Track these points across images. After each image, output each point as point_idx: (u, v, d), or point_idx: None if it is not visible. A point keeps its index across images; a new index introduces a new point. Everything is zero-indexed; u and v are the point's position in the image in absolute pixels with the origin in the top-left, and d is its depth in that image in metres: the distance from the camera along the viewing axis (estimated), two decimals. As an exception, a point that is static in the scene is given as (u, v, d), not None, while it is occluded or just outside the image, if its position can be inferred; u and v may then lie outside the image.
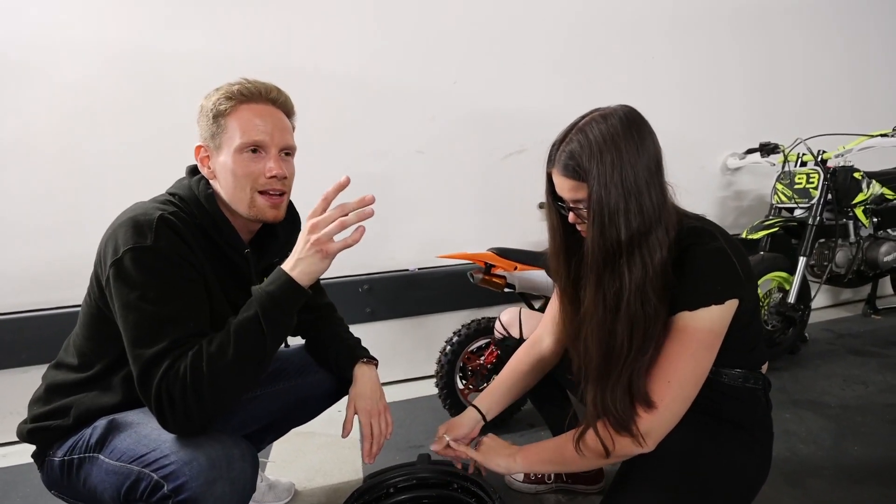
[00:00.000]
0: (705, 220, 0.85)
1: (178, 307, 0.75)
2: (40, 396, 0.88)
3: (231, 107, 0.82)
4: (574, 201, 0.81)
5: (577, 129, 0.79)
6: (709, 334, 0.78)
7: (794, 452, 1.42)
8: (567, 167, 0.78)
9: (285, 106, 0.89)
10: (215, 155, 0.85)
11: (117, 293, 0.74)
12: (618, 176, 0.74)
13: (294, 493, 1.35)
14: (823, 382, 1.88)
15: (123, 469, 0.75)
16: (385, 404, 1.03)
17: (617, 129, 0.76)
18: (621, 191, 0.74)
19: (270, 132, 0.84)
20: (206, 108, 0.84)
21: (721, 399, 0.88)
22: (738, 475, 0.86)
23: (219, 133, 0.83)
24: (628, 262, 0.76)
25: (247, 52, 1.75)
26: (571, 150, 0.78)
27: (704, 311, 0.76)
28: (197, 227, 0.83)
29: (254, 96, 0.84)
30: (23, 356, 1.61)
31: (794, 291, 1.97)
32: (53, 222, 1.64)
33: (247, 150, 0.83)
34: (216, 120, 0.83)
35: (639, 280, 0.75)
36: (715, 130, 2.52)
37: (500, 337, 1.27)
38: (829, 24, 2.69)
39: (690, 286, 0.77)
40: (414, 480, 1.10)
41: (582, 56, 2.20)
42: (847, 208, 2.12)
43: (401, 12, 1.91)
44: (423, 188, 2.03)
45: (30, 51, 1.56)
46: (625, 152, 0.75)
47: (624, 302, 0.76)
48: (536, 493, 1.30)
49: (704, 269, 0.77)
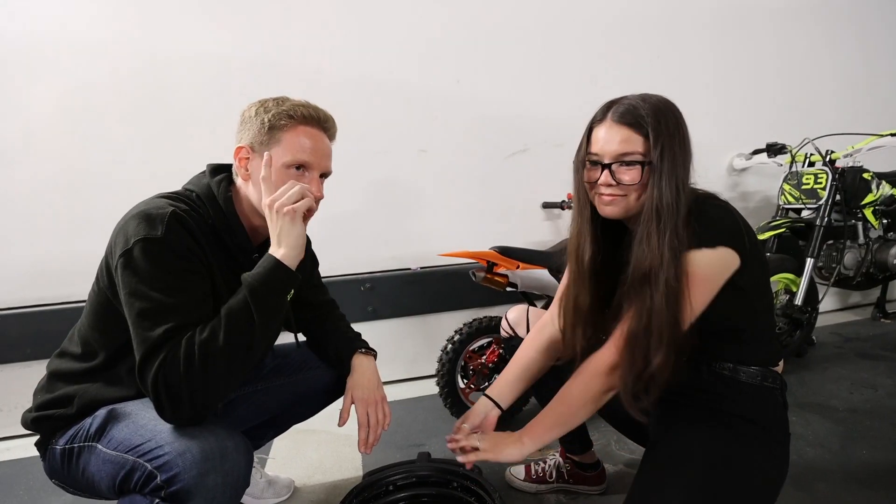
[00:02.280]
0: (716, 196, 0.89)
1: (183, 299, 0.76)
2: (44, 385, 0.89)
3: (290, 124, 0.86)
4: (621, 155, 0.81)
5: (633, 96, 0.83)
6: (701, 279, 0.79)
7: (801, 456, 1.39)
8: (627, 115, 0.81)
9: (333, 134, 0.93)
10: (258, 161, 0.86)
11: (125, 282, 0.76)
12: (678, 138, 0.80)
13: (293, 489, 1.34)
14: (831, 386, 1.85)
15: (119, 459, 0.75)
16: (382, 394, 1.03)
17: (671, 104, 0.83)
18: (682, 156, 0.80)
19: (319, 157, 0.88)
20: (262, 117, 0.86)
21: (739, 398, 0.87)
22: (760, 474, 0.84)
23: (270, 143, 0.85)
24: (672, 226, 0.78)
25: (249, 52, 1.76)
26: (634, 104, 0.81)
27: (697, 253, 0.79)
28: (208, 227, 0.85)
29: (312, 121, 0.88)
30: (27, 350, 1.62)
31: (802, 293, 1.94)
32: (57, 218, 1.65)
33: (293, 167, 0.86)
34: (271, 132, 0.85)
35: (675, 244, 0.78)
36: (721, 131, 2.49)
37: (507, 336, 1.25)
38: (837, 22, 2.66)
39: (689, 230, 0.79)
40: (413, 478, 1.10)
41: (586, 56, 2.19)
42: (856, 209, 2.09)
43: (403, 11, 1.91)
44: (425, 187, 2.02)
45: (33, 50, 1.57)
46: (681, 125, 0.82)
47: (667, 264, 0.77)
48: (537, 492, 1.29)
49: (700, 218, 0.80)
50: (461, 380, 1.65)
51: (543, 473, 1.29)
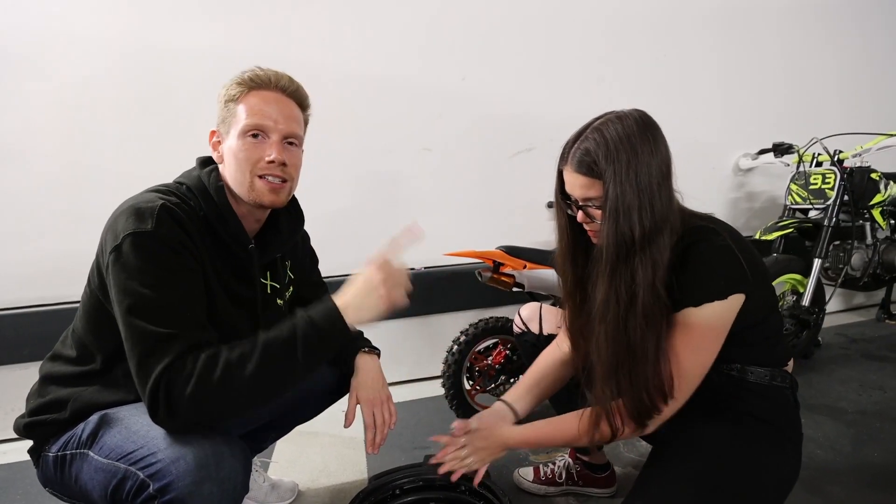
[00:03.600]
0: (713, 220, 0.86)
1: (175, 294, 0.73)
2: (36, 389, 0.86)
3: (241, 92, 0.83)
4: (586, 199, 0.81)
5: (592, 128, 0.80)
6: (712, 330, 0.80)
7: (812, 458, 1.38)
8: (582, 164, 0.79)
9: (296, 95, 0.88)
10: (225, 140, 0.85)
11: (115, 278, 0.72)
12: (633, 175, 0.76)
13: (297, 493, 1.32)
14: (839, 388, 1.84)
15: (111, 467, 0.72)
16: (388, 393, 1.01)
17: (633, 129, 0.78)
18: (636, 190, 0.76)
19: (275, 118, 0.83)
20: (220, 95, 0.85)
21: (750, 398, 0.87)
22: (772, 475, 0.84)
23: (228, 117, 0.84)
24: (641, 259, 0.77)
25: (251, 50, 1.73)
26: (587, 147, 0.79)
27: (708, 307, 0.78)
28: (200, 219, 0.82)
29: (264, 83, 0.84)
30: (24, 352, 1.60)
31: (809, 294, 1.92)
32: (55, 218, 1.62)
33: (249, 133, 0.82)
34: (227, 105, 0.84)
35: (650, 277, 0.77)
36: (727, 130, 2.48)
37: (520, 332, 1.24)
38: (845, 21, 2.64)
39: (694, 282, 0.79)
40: (420, 482, 1.07)
41: (592, 55, 2.17)
42: (864, 210, 2.07)
43: (408, 9, 1.89)
44: (430, 186, 2.00)
45: (31, 47, 1.54)
46: (640, 153, 0.77)
47: (639, 299, 0.77)
48: (546, 494, 1.27)
49: (707, 265, 0.79)
50: (467, 381, 1.63)
51: (553, 475, 1.27)
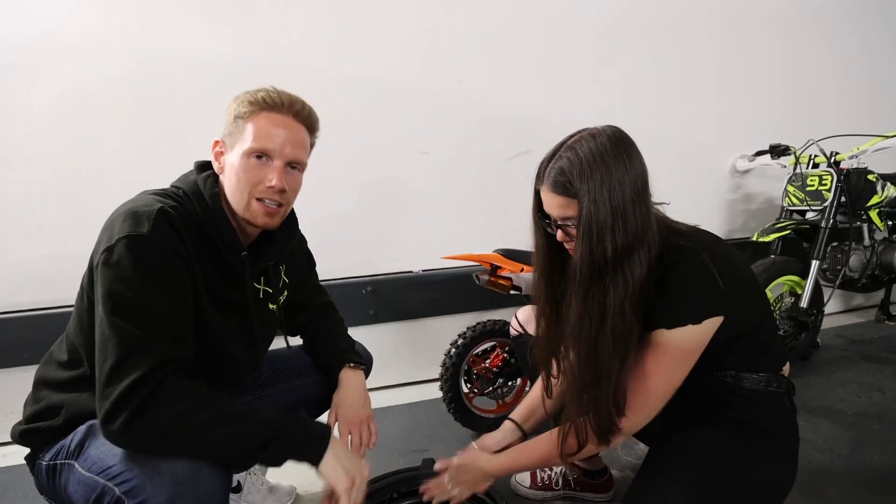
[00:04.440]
0: (696, 235, 0.85)
1: (159, 303, 0.72)
2: (31, 395, 0.86)
3: (252, 111, 0.82)
4: (563, 218, 0.81)
5: (566, 146, 0.80)
6: (684, 352, 0.81)
7: (811, 461, 1.37)
8: (557, 184, 0.79)
9: (307, 121, 0.88)
10: (228, 153, 0.85)
11: (102, 278, 0.72)
12: (606, 193, 0.76)
13: (295, 496, 1.32)
14: (838, 389, 1.83)
15: (91, 481, 0.71)
16: (369, 412, 1.00)
17: (606, 147, 0.77)
18: (609, 208, 0.76)
19: (281, 143, 0.83)
20: (231, 107, 0.84)
21: (745, 404, 0.87)
22: (766, 480, 0.84)
23: (235, 132, 0.83)
24: (612, 278, 0.77)
25: (250, 54, 1.74)
26: (561, 166, 0.79)
27: (681, 331, 0.79)
28: (195, 224, 0.82)
29: (276, 106, 0.83)
30: (24, 355, 1.60)
31: (807, 296, 1.93)
32: (56, 221, 1.63)
33: (253, 155, 0.82)
34: (235, 121, 0.83)
35: (621, 296, 0.77)
36: (724, 132, 2.49)
37: (516, 335, 1.25)
38: (841, 22, 2.65)
39: (669, 305, 0.79)
40: (417, 486, 1.07)
41: (590, 57, 2.18)
42: (861, 211, 2.08)
43: (405, 12, 1.90)
44: (427, 189, 2.01)
45: (32, 51, 1.55)
46: (614, 170, 0.76)
47: (609, 317, 0.78)
48: (543, 500, 1.27)
49: (682, 288, 0.79)
50: (465, 384, 1.63)
51: (549, 480, 1.27)
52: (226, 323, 0.86)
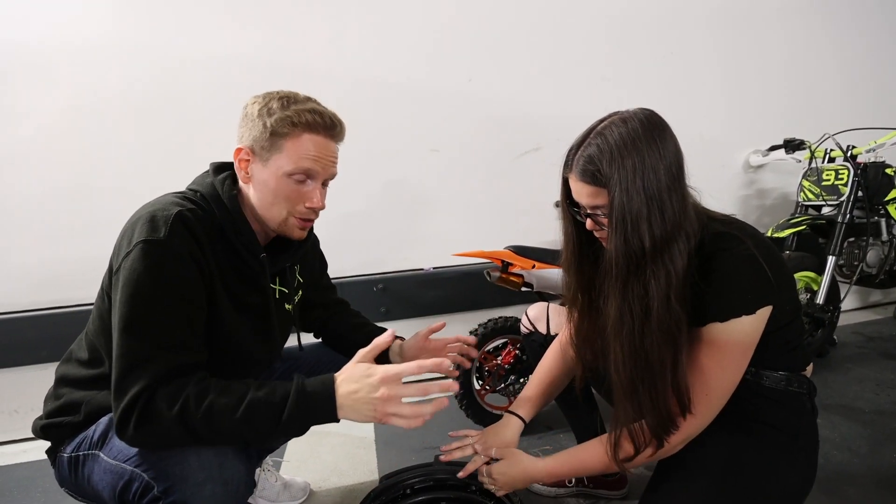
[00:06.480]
0: (734, 222, 0.81)
1: (169, 311, 0.72)
2: (51, 391, 0.88)
3: (293, 132, 0.81)
4: (592, 207, 0.78)
5: (595, 132, 0.76)
6: (740, 345, 0.76)
7: (829, 459, 1.35)
8: (586, 172, 0.75)
9: (341, 137, 0.88)
10: (259, 166, 0.83)
11: (121, 283, 0.73)
12: (640, 181, 0.71)
13: (309, 492, 1.33)
14: (856, 387, 1.80)
15: (118, 468, 0.73)
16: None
17: (638, 132, 0.73)
18: (643, 197, 0.71)
19: (323, 164, 0.84)
20: (265, 121, 0.81)
21: (764, 404, 0.84)
22: (782, 484, 0.81)
23: (272, 149, 0.81)
24: (653, 269, 0.73)
25: (259, 53, 1.75)
26: (590, 154, 0.75)
27: (735, 323, 0.74)
28: (214, 227, 0.82)
29: (318, 127, 0.82)
30: (43, 353, 1.63)
31: (823, 292, 1.89)
32: (71, 221, 1.66)
33: (295, 176, 0.82)
34: (273, 138, 0.81)
35: (664, 289, 0.72)
36: (735, 127, 2.45)
37: (527, 332, 1.24)
38: (856, 15, 2.60)
39: (720, 296, 0.74)
40: (431, 482, 1.08)
41: (599, 53, 2.16)
42: (879, 206, 2.03)
43: (414, 10, 1.90)
44: (437, 187, 2.01)
45: (43, 53, 1.58)
46: (647, 156, 0.72)
47: (654, 312, 0.73)
48: (556, 496, 1.26)
49: (732, 278, 0.74)
50: (477, 381, 1.63)
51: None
52: (244, 323, 0.87)
